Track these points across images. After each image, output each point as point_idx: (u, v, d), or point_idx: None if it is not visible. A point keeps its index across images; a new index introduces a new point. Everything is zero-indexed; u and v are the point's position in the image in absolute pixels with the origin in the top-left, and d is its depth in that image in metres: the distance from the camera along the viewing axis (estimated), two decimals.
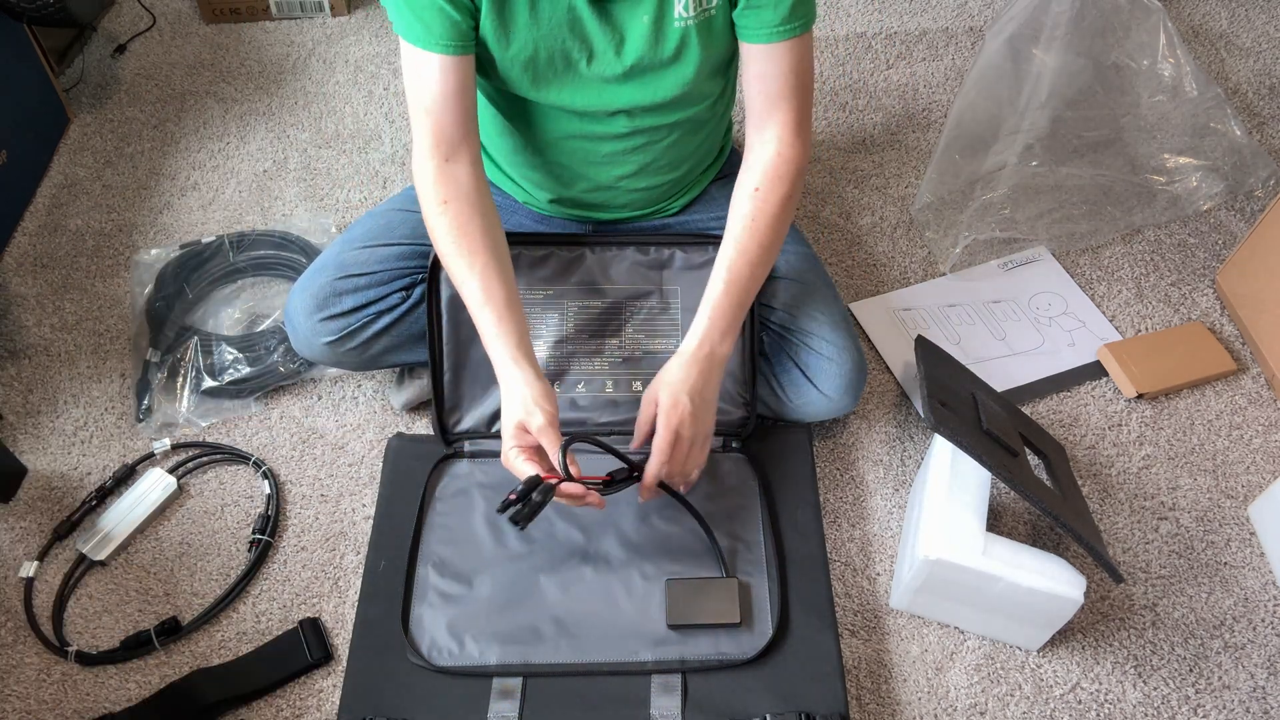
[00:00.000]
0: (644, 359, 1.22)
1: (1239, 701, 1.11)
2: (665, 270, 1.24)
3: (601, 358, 1.22)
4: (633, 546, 1.14)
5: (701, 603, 1.09)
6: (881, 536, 1.24)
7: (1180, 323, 1.46)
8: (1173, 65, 1.53)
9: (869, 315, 1.46)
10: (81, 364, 1.41)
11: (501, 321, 1.06)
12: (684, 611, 1.08)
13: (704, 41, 1.07)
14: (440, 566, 1.13)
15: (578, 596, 1.11)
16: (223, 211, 1.60)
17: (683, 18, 1.05)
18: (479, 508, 1.18)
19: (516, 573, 1.13)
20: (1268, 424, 1.34)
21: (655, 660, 1.06)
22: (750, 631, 1.09)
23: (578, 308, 1.23)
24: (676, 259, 1.24)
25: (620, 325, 1.23)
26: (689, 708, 1.04)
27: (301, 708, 1.10)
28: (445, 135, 1.08)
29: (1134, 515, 1.26)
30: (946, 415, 1.10)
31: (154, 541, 1.23)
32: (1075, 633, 1.16)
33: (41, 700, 1.11)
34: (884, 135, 1.72)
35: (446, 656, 1.07)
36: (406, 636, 1.08)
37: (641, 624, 1.09)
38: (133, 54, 1.87)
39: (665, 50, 1.06)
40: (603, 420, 1.21)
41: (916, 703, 1.11)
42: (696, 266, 1.23)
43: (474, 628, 1.09)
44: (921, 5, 1.96)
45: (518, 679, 1.05)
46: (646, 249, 1.24)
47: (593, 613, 1.10)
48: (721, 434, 1.21)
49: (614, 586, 1.11)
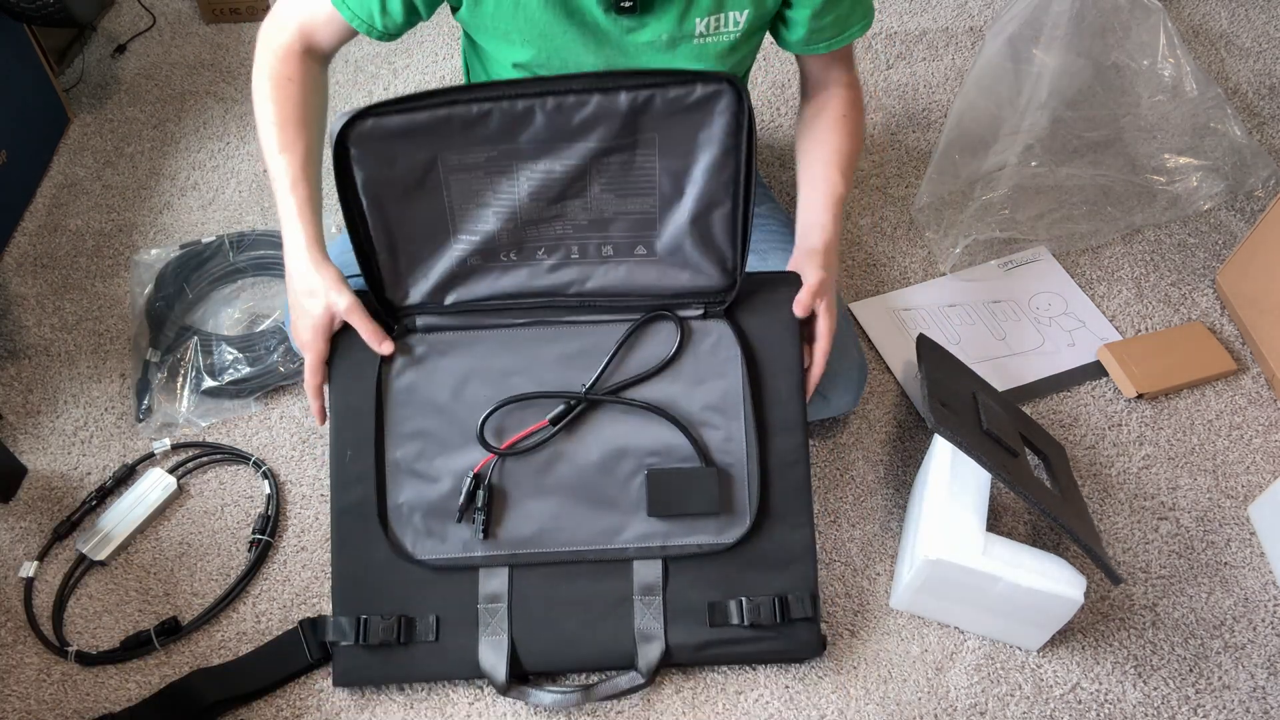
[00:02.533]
0: (615, 219, 1.06)
1: (1239, 701, 1.11)
2: (641, 116, 0.99)
3: (565, 221, 1.06)
4: (609, 431, 1.12)
5: (682, 493, 1.09)
6: (881, 536, 1.24)
7: (1180, 323, 1.46)
8: (1173, 65, 1.53)
9: (869, 315, 1.46)
10: (81, 364, 1.41)
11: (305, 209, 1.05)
12: (665, 502, 1.09)
13: (717, 56, 1.08)
14: (410, 453, 1.10)
15: (557, 483, 1.11)
16: (223, 211, 1.60)
17: (702, 35, 1.07)
18: (443, 388, 1.10)
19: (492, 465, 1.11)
20: (1268, 424, 1.34)
21: (637, 547, 1.09)
22: (730, 517, 1.10)
23: (530, 167, 1.02)
24: (657, 102, 0.98)
25: (585, 184, 1.04)
26: (670, 590, 1.09)
27: (301, 708, 1.10)
28: (310, 41, 1.09)
29: (1134, 515, 1.26)
30: (947, 415, 1.10)
31: (154, 541, 1.23)
32: (1075, 633, 1.16)
33: (41, 700, 1.11)
34: (884, 135, 1.72)
35: (430, 550, 1.08)
36: (386, 532, 1.08)
37: (622, 510, 1.10)
38: (133, 54, 1.87)
39: (680, 64, 1.08)
40: (571, 287, 1.10)
41: (916, 703, 1.11)
42: (681, 110, 0.99)
43: (454, 517, 1.09)
44: (921, 5, 1.96)
45: (504, 568, 1.09)
46: (615, 93, 0.97)
47: (573, 500, 1.10)
48: (704, 301, 1.11)
49: (593, 472, 1.11)
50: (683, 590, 1.09)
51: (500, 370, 1.10)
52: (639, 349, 1.11)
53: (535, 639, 1.08)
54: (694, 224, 1.05)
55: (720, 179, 1.03)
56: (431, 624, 1.07)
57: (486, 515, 1.08)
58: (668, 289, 1.10)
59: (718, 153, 1.01)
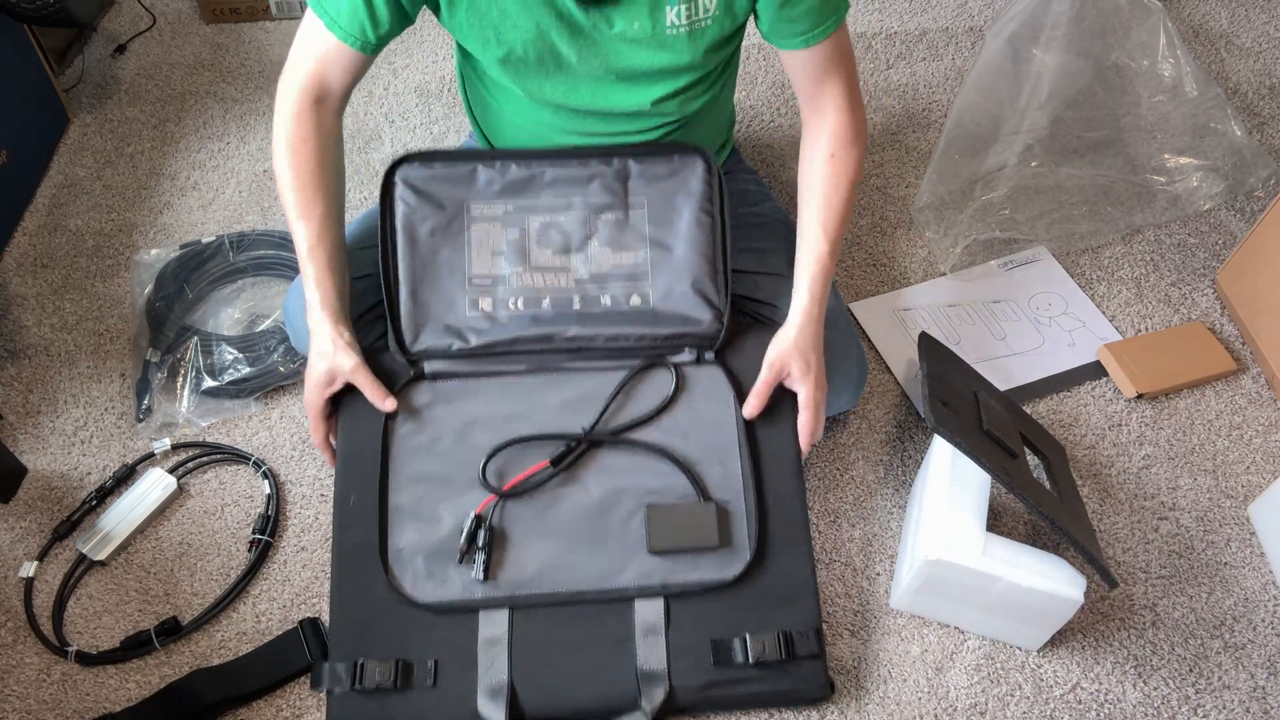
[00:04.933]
0: (611, 273, 1.18)
1: (1239, 701, 1.11)
2: (629, 181, 1.19)
3: (568, 273, 1.18)
4: (610, 472, 1.13)
5: (681, 527, 1.09)
6: (881, 536, 1.24)
7: (1180, 323, 1.46)
8: (1173, 65, 1.54)
9: (869, 315, 1.46)
10: (81, 364, 1.41)
11: (322, 273, 1.09)
12: (664, 536, 1.09)
13: (692, 47, 1.08)
14: (412, 497, 1.11)
15: (558, 524, 1.10)
16: (223, 211, 1.60)
17: (675, 25, 1.06)
18: (446, 433, 1.13)
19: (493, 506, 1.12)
20: (1268, 424, 1.34)
21: (638, 586, 1.08)
22: (730, 554, 1.09)
23: (540, 224, 1.18)
24: (642, 170, 1.19)
25: (585, 239, 1.18)
26: (672, 630, 1.07)
27: (301, 708, 1.10)
28: (321, 84, 1.10)
29: (1134, 515, 1.26)
30: (947, 415, 1.10)
31: (154, 541, 1.24)
32: (1075, 633, 1.16)
33: (41, 700, 1.11)
34: (884, 135, 1.72)
35: (430, 591, 1.07)
36: (387, 572, 1.07)
37: (622, 550, 1.09)
38: (133, 54, 1.87)
39: (657, 55, 1.07)
40: (571, 334, 1.16)
41: (916, 703, 1.11)
42: (662, 177, 1.19)
43: (455, 558, 1.08)
44: (921, 5, 1.96)
45: (504, 610, 1.07)
46: (609, 160, 1.19)
47: (573, 541, 1.10)
48: (694, 346, 1.17)
49: (593, 513, 1.11)
50: (685, 629, 1.07)
51: (502, 416, 1.14)
52: (636, 394, 1.16)
53: (535, 683, 1.05)
54: (682, 275, 1.17)
55: (702, 234, 1.17)
56: (430, 669, 1.04)
57: (487, 555, 1.07)
58: (661, 335, 1.16)
59: (697, 211, 1.18)
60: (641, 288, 1.18)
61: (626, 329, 1.16)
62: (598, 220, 1.18)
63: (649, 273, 1.18)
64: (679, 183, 1.18)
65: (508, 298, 1.16)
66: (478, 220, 1.17)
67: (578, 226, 1.18)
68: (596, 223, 1.18)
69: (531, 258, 1.18)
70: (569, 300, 1.17)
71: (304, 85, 1.09)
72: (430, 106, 1.78)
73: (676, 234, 1.18)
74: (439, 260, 1.16)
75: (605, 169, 1.19)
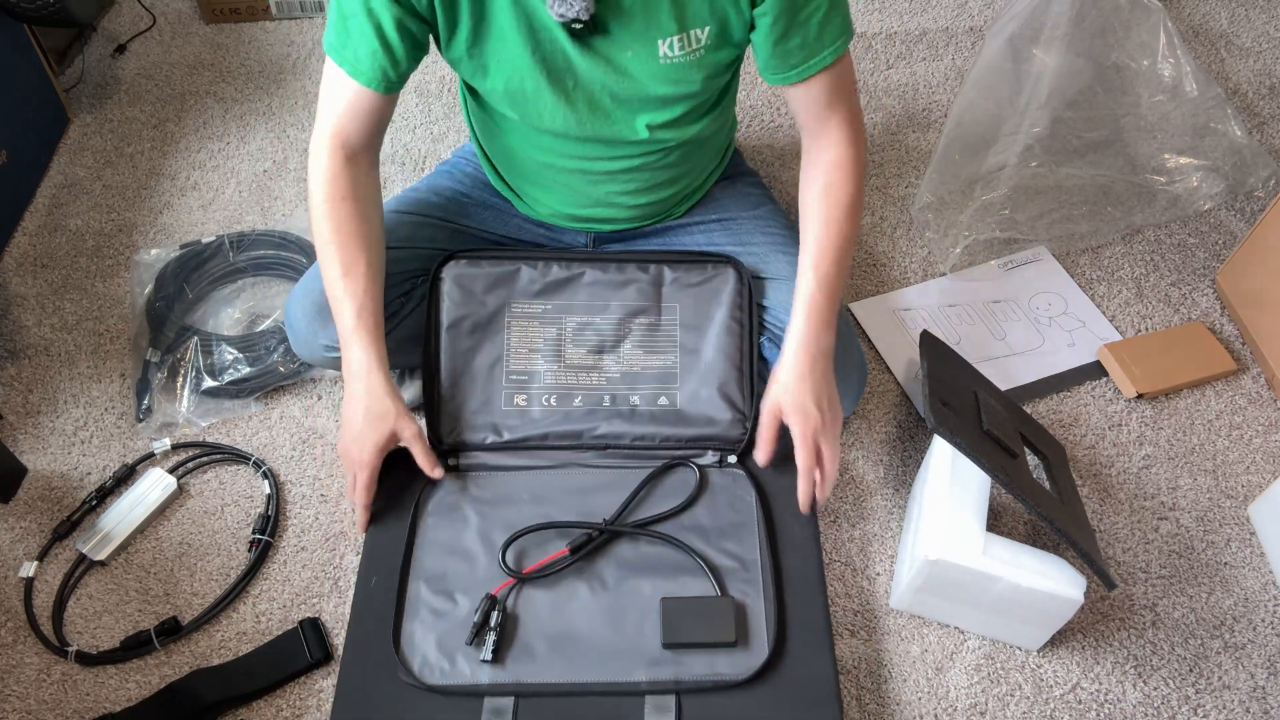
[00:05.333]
0: (641, 374, 1.23)
1: (1239, 701, 1.11)
2: (663, 287, 1.25)
3: (600, 373, 1.23)
4: (628, 565, 1.13)
5: (697, 622, 1.07)
6: (881, 536, 1.24)
7: (1180, 323, 1.46)
8: (1173, 65, 1.54)
9: (869, 315, 1.46)
10: (81, 364, 1.41)
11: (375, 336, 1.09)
12: (679, 630, 1.07)
13: (689, 76, 1.07)
14: (432, 583, 1.11)
15: (571, 615, 1.09)
16: (223, 211, 1.60)
17: (669, 56, 1.05)
18: (472, 523, 1.16)
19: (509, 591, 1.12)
20: (1268, 424, 1.34)
21: (649, 680, 1.04)
22: (746, 651, 1.06)
23: (576, 324, 1.24)
24: (675, 278, 1.25)
25: (619, 341, 1.24)
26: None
27: (301, 708, 1.10)
28: (349, 140, 1.09)
29: (1134, 515, 1.26)
30: (947, 415, 1.10)
31: (154, 541, 1.24)
32: (1075, 633, 1.16)
33: (41, 700, 1.11)
34: (884, 135, 1.72)
35: (438, 675, 1.05)
36: (398, 654, 1.06)
37: (636, 643, 1.07)
38: (133, 54, 1.87)
39: (652, 85, 1.07)
40: (600, 432, 1.20)
41: (916, 703, 1.11)
42: (695, 284, 1.24)
43: (466, 645, 1.07)
44: (921, 5, 1.96)
45: (509, 698, 1.04)
46: (646, 266, 1.25)
47: (586, 632, 1.08)
48: (719, 449, 1.21)
49: (608, 605, 1.10)
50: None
51: (526, 506, 1.17)
52: (658, 491, 1.19)
53: None
54: (709, 379, 1.21)
55: (731, 341, 1.22)
56: None
57: (498, 636, 1.06)
58: (686, 436, 1.20)
59: (727, 318, 1.22)
60: (669, 390, 1.22)
61: (653, 429, 1.20)
62: (631, 323, 1.24)
63: (678, 375, 1.23)
64: (711, 291, 1.24)
65: (542, 394, 1.21)
66: (518, 318, 1.23)
67: (612, 328, 1.24)
68: (630, 325, 1.24)
69: (566, 356, 1.23)
70: (600, 398, 1.22)
71: (335, 143, 1.09)
72: (430, 106, 1.78)
73: (706, 339, 1.23)
74: (479, 355, 1.22)
75: (642, 275, 1.24)
